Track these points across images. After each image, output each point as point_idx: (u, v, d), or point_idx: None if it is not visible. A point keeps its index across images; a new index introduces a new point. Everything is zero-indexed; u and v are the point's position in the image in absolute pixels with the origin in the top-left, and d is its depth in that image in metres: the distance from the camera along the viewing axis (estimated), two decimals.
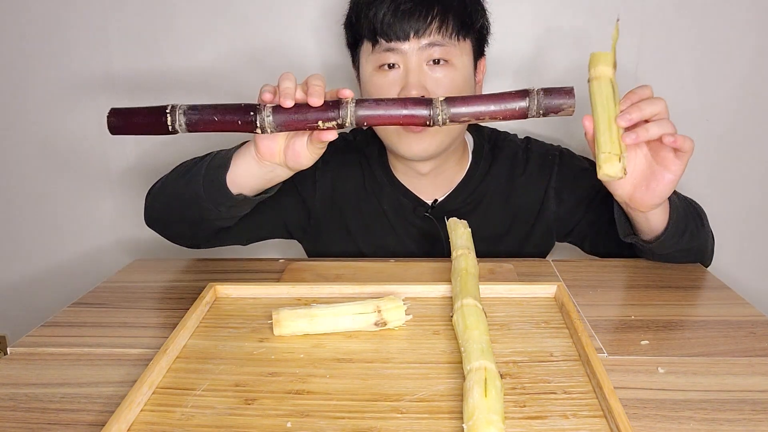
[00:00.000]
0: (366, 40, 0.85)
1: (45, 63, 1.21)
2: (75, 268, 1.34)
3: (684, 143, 0.67)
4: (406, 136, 0.85)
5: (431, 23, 0.81)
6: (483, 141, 0.98)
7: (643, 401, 0.52)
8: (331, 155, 0.98)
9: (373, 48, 0.84)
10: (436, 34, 0.81)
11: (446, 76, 0.83)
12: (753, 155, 1.21)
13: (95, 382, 0.56)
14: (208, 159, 0.82)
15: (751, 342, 0.62)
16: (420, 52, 0.82)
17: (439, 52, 0.82)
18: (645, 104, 0.66)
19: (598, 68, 0.66)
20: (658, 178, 0.69)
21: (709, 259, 0.86)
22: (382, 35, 0.82)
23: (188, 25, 1.18)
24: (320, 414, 0.49)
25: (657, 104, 0.67)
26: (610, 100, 0.65)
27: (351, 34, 0.89)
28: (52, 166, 1.28)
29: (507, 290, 0.70)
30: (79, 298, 0.75)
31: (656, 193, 0.70)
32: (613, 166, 0.63)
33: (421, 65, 0.83)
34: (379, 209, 0.97)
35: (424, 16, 0.80)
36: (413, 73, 0.82)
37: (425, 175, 0.93)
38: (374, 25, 0.82)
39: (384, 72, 0.84)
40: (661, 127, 0.66)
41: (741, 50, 1.15)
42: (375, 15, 0.81)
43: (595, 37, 1.14)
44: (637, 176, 0.71)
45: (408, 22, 0.80)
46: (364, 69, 0.87)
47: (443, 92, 0.83)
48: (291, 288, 0.72)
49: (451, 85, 0.84)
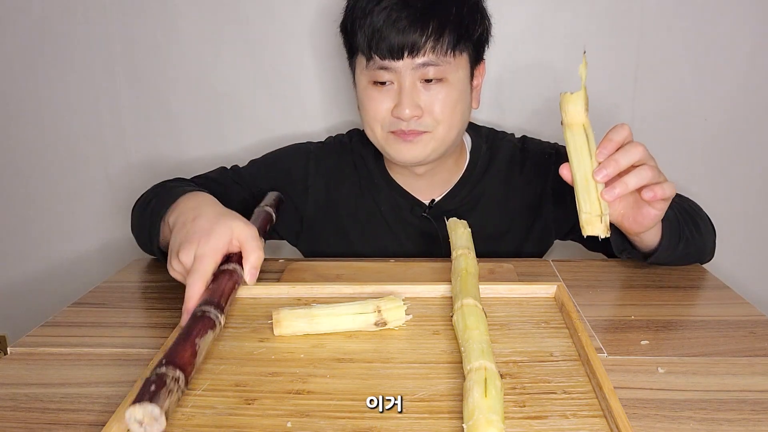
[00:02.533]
0: (360, 53, 0.84)
1: (45, 63, 1.21)
2: (75, 268, 1.34)
3: (664, 193, 0.65)
4: (396, 144, 0.85)
5: (426, 42, 0.79)
6: (480, 141, 0.98)
7: (642, 401, 0.52)
8: (325, 159, 0.98)
9: (367, 63, 0.83)
10: (430, 54, 0.80)
11: (440, 93, 0.82)
12: (752, 155, 1.21)
13: (95, 382, 0.56)
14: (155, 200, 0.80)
15: (751, 342, 0.62)
16: (413, 72, 0.81)
17: (433, 72, 0.81)
18: (621, 155, 0.62)
19: (570, 113, 0.63)
20: (644, 213, 0.69)
21: (709, 256, 0.86)
22: (377, 51, 0.81)
23: (189, 25, 1.18)
24: (320, 414, 0.49)
25: (634, 152, 0.63)
26: (585, 153, 0.63)
27: (347, 41, 0.88)
28: (52, 165, 1.28)
29: (507, 290, 0.70)
30: (79, 298, 0.75)
31: (644, 225, 0.70)
32: (595, 228, 0.62)
33: (415, 83, 0.82)
34: (376, 210, 0.97)
35: (419, 34, 0.79)
36: (406, 92, 0.81)
37: (422, 175, 0.93)
38: (369, 38, 0.80)
39: (377, 87, 0.84)
40: (641, 177, 0.63)
41: (740, 50, 1.15)
42: (370, 26, 0.80)
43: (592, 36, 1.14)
44: (623, 212, 0.70)
45: (402, 36, 0.79)
46: (358, 80, 0.87)
47: (438, 108, 0.83)
48: (291, 288, 0.71)
49: (446, 102, 0.83)
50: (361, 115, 0.89)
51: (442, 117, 0.83)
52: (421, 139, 0.84)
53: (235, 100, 1.22)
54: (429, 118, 0.83)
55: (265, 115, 1.23)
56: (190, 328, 0.52)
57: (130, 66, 1.21)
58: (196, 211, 0.68)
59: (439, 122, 0.84)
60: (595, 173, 0.62)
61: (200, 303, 0.57)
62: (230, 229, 0.64)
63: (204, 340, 0.52)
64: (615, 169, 0.62)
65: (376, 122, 0.86)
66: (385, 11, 0.79)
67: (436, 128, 0.84)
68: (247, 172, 0.98)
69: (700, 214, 0.84)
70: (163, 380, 0.44)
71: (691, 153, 1.21)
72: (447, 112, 0.83)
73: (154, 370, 0.46)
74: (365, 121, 0.88)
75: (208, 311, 0.55)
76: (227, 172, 0.97)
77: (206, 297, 0.57)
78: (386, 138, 0.86)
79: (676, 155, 1.21)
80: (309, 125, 1.23)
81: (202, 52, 1.19)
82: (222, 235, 0.63)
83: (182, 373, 0.46)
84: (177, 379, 0.46)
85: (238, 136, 1.25)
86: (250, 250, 0.64)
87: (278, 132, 1.23)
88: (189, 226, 0.66)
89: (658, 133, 1.20)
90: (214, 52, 1.19)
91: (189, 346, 0.49)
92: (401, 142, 0.85)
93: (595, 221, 0.62)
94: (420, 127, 0.83)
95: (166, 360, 0.47)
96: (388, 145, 0.86)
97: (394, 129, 0.84)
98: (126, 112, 1.24)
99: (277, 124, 1.23)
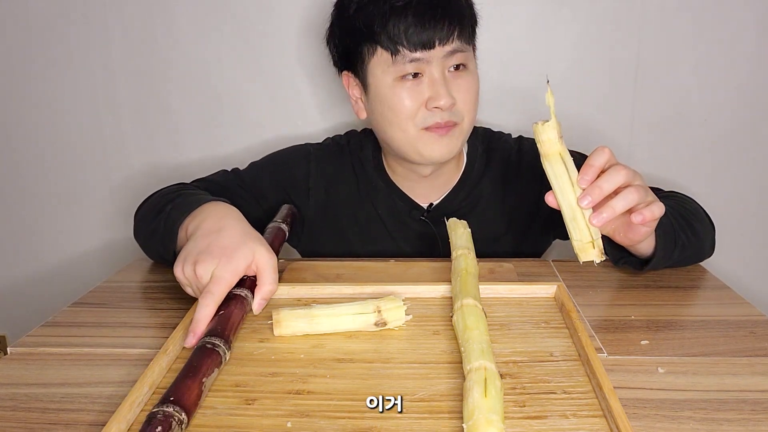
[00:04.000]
0: (383, 50, 0.82)
1: (45, 63, 1.21)
2: (75, 268, 1.34)
3: (653, 215, 0.64)
4: (431, 141, 0.84)
5: (453, 30, 0.80)
6: (477, 142, 0.97)
7: (642, 401, 0.52)
8: (324, 161, 0.98)
9: (394, 59, 0.81)
10: (457, 41, 0.81)
11: (467, 82, 0.84)
12: (752, 155, 1.21)
13: (95, 382, 0.56)
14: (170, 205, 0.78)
15: (751, 342, 0.62)
16: (443, 60, 0.82)
17: (459, 58, 0.83)
18: (604, 180, 0.61)
19: (544, 143, 0.62)
20: (635, 230, 0.68)
21: (708, 254, 0.85)
22: (407, 45, 0.80)
23: (188, 24, 1.18)
24: (320, 414, 0.49)
25: (617, 176, 0.61)
26: (566, 181, 0.62)
27: (353, 43, 0.85)
28: (51, 165, 1.28)
29: (507, 290, 0.71)
30: (79, 298, 0.75)
31: (635, 240, 0.70)
32: (588, 254, 0.61)
33: (445, 73, 0.82)
34: (375, 213, 0.96)
35: (447, 24, 0.80)
36: (439, 83, 0.81)
37: (424, 177, 0.92)
38: (395, 36, 0.80)
39: (408, 82, 0.82)
40: (627, 200, 0.62)
41: (740, 50, 1.15)
42: (396, 25, 0.79)
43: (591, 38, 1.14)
44: (614, 228, 0.70)
45: (433, 31, 0.79)
46: (380, 80, 0.84)
47: (466, 97, 0.83)
48: (291, 288, 0.71)
49: (471, 90, 0.84)
50: (387, 118, 0.85)
51: (470, 105, 0.85)
52: (453, 134, 0.84)
53: (235, 101, 1.22)
54: (460, 107, 0.84)
55: (264, 116, 1.23)
56: (199, 365, 0.52)
57: (130, 66, 1.21)
58: (221, 223, 0.68)
59: (467, 111, 0.85)
60: (580, 201, 0.61)
61: (209, 332, 0.57)
62: (252, 253, 0.65)
63: (210, 379, 0.52)
64: (599, 195, 0.61)
65: (410, 120, 0.83)
66: (409, 8, 0.79)
67: (464, 119, 0.85)
68: (248, 175, 0.97)
69: (696, 215, 0.83)
70: (169, 423, 0.45)
71: (691, 153, 1.21)
72: (473, 99, 0.85)
73: (160, 406, 0.46)
74: (395, 123, 0.84)
75: (217, 345, 0.55)
76: (229, 175, 0.97)
77: (216, 327, 0.57)
78: (420, 136, 0.84)
79: (676, 155, 1.21)
80: (309, 126, 1.23)
81: (201, 52, 1.19)
82: (244, 258, 0.64)
83: (187, 417, 0.46)
84: (182, 422, 0.46)
85: (238, 137, 1.25)
86: (266, 281, 0.65)
87: (278, 133, 1.23)
88: (212, 238, 0.66)
89: (658, 133, 1.20)
90: (214, 53, 1.19)
91: (196, 386, 0.49)
92: (436, 138, 0.84)
93: (588, 248, 0.61)
94: (453, 117, 0.83)
95: (173, 398, 0.47)
96: (421, 143, 0.84)
97: (429, 124, 0.83)
98: (125, 111, 1.24)
99: (276, 125, 1.23)
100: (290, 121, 1.23)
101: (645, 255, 0.76)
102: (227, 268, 0.63)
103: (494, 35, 1.14)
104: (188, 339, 0.58)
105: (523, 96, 1.18)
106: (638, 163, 1.20)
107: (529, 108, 1.18)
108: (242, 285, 0.64)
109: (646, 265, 0.76)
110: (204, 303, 0.60)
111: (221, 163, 1.01)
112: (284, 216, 0.84)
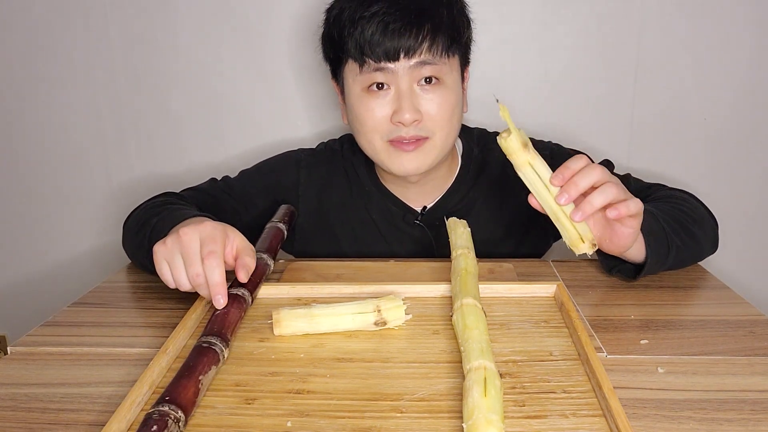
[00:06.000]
0: (351, 59, 0.82)
1: (45, 63, 1.21)
2: (75, 268, 1.34)
3: (629, 209, 0.64)
4: (397, 155, 0.83)
5: (422, 42, 0.78)
6: (472, 144, 0.97)
7: (642, 401, 0.52)
8: (316, 168, 0.97)
9: (361, 68, 0.81)
10: (426, 53, 0.79)
11: (438, 96, 0.81)
12: (752, 155, 1.21)
13: (95, 382, 0.56)
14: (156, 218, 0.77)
15: (751, 342, 0.62)
16: (410, 72, 0.80)
17: (429, 71, 0.80)
18: (580, 178, 0.62)
19: (513, 156, 0.63)
20: (618, 233, 0.68)
21: (710, 252, 0.84)
22: (370, 55, 0.79)
23: (189, 27, 1.18)
24: (320, 414, 0.49)
25: (592, 173, 0.62)
26: (541, 186, 0.63)
27: (332, 50, 0.86)
28: (52, 165, 1.28)
29: (506, 290, 0.71)
30: (79, 298, 0.75)
31: (621, 245, 0.69)
32: (580, 249, 0.64)
33: (412, 86, 0.81)
34: (368, 218, 0.96)
35: (414, 35, 0.78)
36: (405, 96, 0.80)
37: (414, 183, 0.91)
38: (361, 45, 0.79)
39: (373, 93, 0.82)
40: (605, 195, 0.62)
41: (739, 50, 1.15)
42: (362, 34, 0.78)
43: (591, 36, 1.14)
44: (599, 235, 0.70)
45: (398, 41, 0.78)
46: (351, 89, 0.84)
47: (437, 112, 0.81)
48: (291, 288, 0.72)
49: (444, 106, 0.82)
50: (355, 127, 0.86)
51: (441, 121, 0.82)
52: (422, 149, 0.83)
53: (235, 103, 1.22)
54: (429, 123, 0.82)
55: (265, 118, 1.23)
56: (194, 363, 0.52)
57: (131, 68, 1.21)
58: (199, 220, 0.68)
59: (439, 127, 0.82)
60: (557, 199, 0.62)
61: (206, 332, 0.57)
62: (226, 231, 0.65)
63: (207, 377, 0.52)
64: (576, 191, 0.62)
65: (375, 132, 0.83)
66: (376, 17, 0.78)
67: (435, 134, 0.83)
68: (237, 183, 0.96)
69: (693, 216, 0.81)
70: (165, 421, 0.44)
71: (690, 153, 1.21)
72: (446, 115, 0.82)
73: (156, 406, 0.46)
74: (361, 133, 0.85)
75: (213, 344, 0.55)
76: (218, 184, 0.96)
77: (213, 326, 0.58)
78: (386, 149, 0.84)
79: (676, 155, 1.21)
80: (309, 128, 1.23)
81: (202, 54, 1.19)
82: (221, 231, 0.64)
83: (183, 414, 0.46)
84: (178, 420, 0.46)
85: (238, 138, 1.25)
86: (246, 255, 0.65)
87: (278, 134, 1.23)
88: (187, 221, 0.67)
89: (658, 133, 1.20)
90: (215, 55, 1.19)
91: (192, 385, 0.49)
92: (402, 153, 0.83)
93: (578, 243, 0.64)
94: (421, 133, 0.82)
95: (168, 397, 0.47)
96: (388, 157, 0.84)
97: (393, 137, 0.82)
98: (126, 112, 1.24)
99: (277, 126, 1.23)
100: (291, 123, 1.23)
101: (637, 262, 0.75)
102: (212, 231, 0.62)
103: (494, 35, 1.14)
104: (219, 302, 0.59)
105: (522, 96, 1.18)
106: (638, 162, 1.20)
107: (528, 108, 1.18)
108: (241, 286, 0.64)
109: (639, 273, 0.75)
110: (211, 265, 0.60)
111: (221, 164, 1.01)
112: (282, 216, 0.84)
